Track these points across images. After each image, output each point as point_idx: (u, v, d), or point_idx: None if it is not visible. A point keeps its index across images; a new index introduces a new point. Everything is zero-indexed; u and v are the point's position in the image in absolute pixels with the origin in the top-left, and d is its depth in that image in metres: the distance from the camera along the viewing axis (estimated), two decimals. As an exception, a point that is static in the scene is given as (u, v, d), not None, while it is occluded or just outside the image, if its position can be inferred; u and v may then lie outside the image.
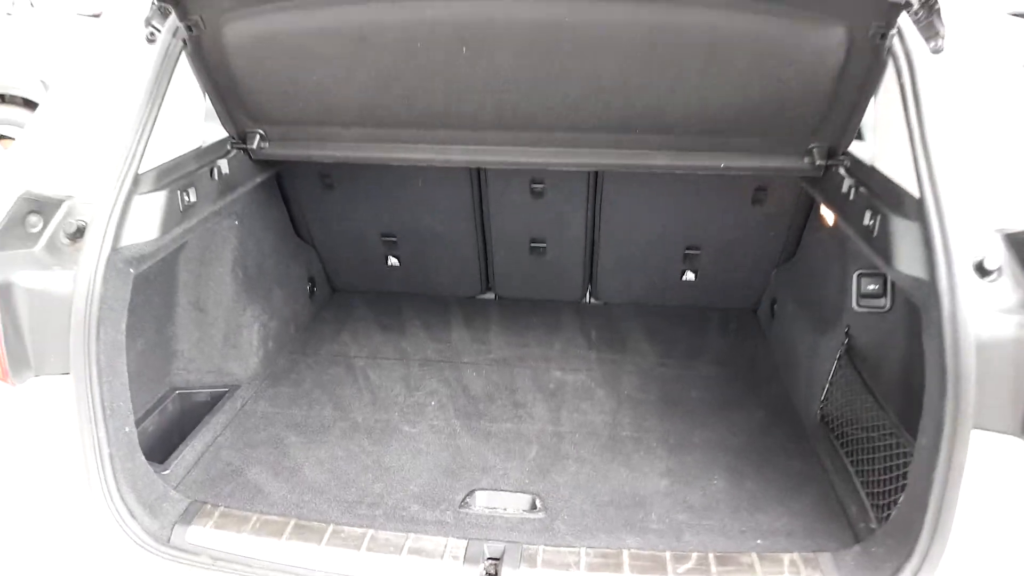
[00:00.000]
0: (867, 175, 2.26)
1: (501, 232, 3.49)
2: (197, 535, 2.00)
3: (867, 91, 2.20)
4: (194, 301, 2.82)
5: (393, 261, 3.69)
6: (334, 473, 2.41)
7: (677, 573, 1.88)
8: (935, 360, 1.72)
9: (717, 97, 2.33)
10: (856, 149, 2.44)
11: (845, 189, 2.33)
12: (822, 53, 2.13)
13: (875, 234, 2.05)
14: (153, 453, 2.28)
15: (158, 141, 2.18)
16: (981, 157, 1.91)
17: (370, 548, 1.94)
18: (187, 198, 2.31)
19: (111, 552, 1.96)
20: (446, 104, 2.46)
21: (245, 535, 1.99)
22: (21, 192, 2.01)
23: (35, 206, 2.00)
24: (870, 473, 2.24)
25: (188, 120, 2.46)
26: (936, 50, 2.01)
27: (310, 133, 2.70)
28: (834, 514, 2.22)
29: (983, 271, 1.74)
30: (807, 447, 2.57)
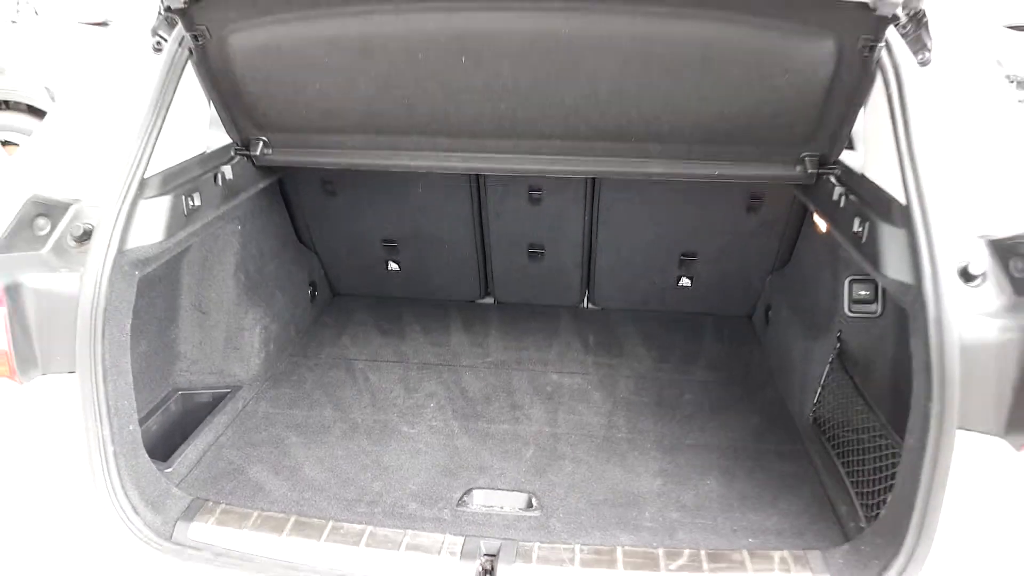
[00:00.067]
0: (857, 183, 2.29)
1: (500, 238, 3.52)
2: (199, 531, 2.02)
3: (856, 102, 2.23)
4: (197, 303, 2.85)
5: (393, 266, 3.72)
6: (334, 472, 2.44)
7: (669, 570, 1.90)
8: (921, 362, 1.75)
9: (711, 107, 2.35)
10: (847, 158, 2.47)
11: (836, 197, 2.36)
12: (813, 65, 2.16)
13: (864, 240, 2.08)
14: (156, 452, 2.31)
15: (164, 147, 2.20)
16: (966, 166, 1.94)
17: (369, 544, 1.96)
18: (191, 203, 2.34)
19: (115, 547, 1.98)
20: (446, 112, 2.49)
21: (246, 531, 2.01)
22: (30, 196, 2.03)
23: (43, 209, 2.03)
24: (860, 474, 2.27)
25: (193, 127, 2.49)
26: (923, 62, 2.04)
27: (312, 140, 2.73)
28: (825, 514, 2.24)
29: (968, 276, 1.77)
30: (799, 449, 2.60)
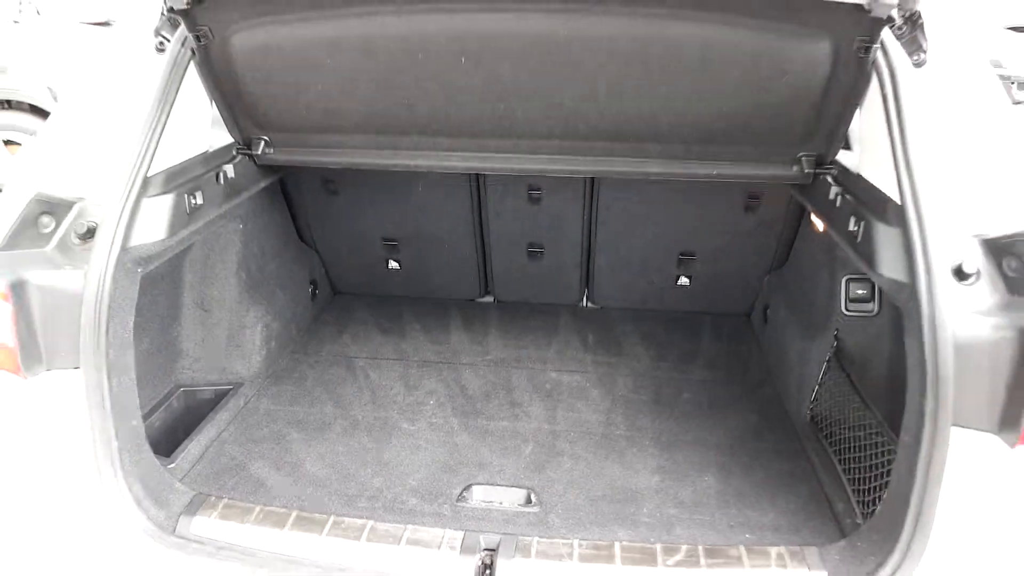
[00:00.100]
0: (853, 183, 2.31)
1: (499, 237, 3.53)
2: (202, 525, 2.04)
3: (852, 102, 2.25)
4: (199, 301, 2.87)
5: (394, 265, 3.74)
6: (335, 468, 2.46)
7: (667, 565, 1.91)
8: (916, 360, 1.77)
9: (708, 107, 2.37)
10: (844, 158, 2.49)
11: (832, 196, 2.37)
12: (809, 66, 2.17)
13: (859, 239, 2.10)
14: (159, 447, 2.32)
15: (166, 146, 2.21)
16: (961, 166, 1.96)
17: (370, 539, 1.98)
18: (194, 201, 2.35)
19: (119, 541, 1.99)
20: (445, 112, 2.50)
21: (248, 526, 2.03)
22: (34, 194, 2.04)
23: (47, 207, 2.04)
24: (857, 471, 2.29)
25: (195, 126, 2.51)
26: (919, 63, 2.05)
27: (313, 140, 2.74)
28: (821, 510, 2.26)
29: (961, 275, 1.78)
30: (797, 447, 2.61)
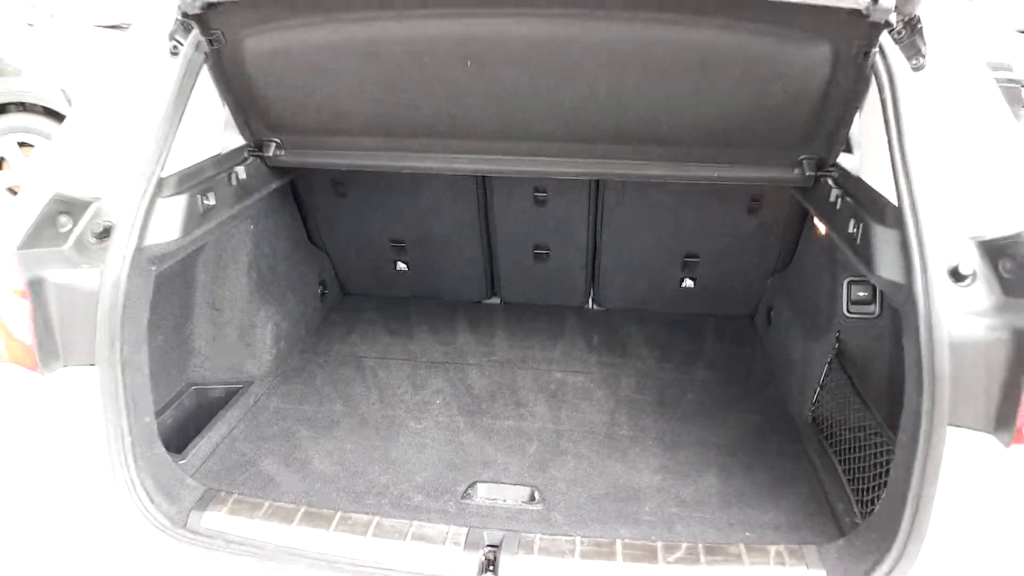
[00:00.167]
0: (853, 185, 2.32)
1: (506, 239, 3.56)
2: (212, 520, 2.07)
3: (853, 105, 2.26)
4: (211, 301, 2.91)
5: (402, 266, 3.77)
6: (343, 465, 2.49)
7: (667, 562, 1.93)
8: (912, 360, 1.78)
9: (709, 110, 2.38)
10: (844, 161, 2.51)
11: (833, 199, 2.38)
12: (809, 70, 2.19)
13: (858, 241, 2.11)
14: (171, 444, 2.36)
15: (180, 148, 2.25)
16: (958, 169, 1.97)
17: (376, 534, 2.00)
18: (206, 202, 2.38)
19: (131, 534, 2.03)
20: (451, 115, 2.53)
21: (257, 520, 2.06)
22: (52, 194, 2.08)
23: (65, 207, 2.08)
24: (856, 471, 2.31)
25: (208, 128, 2.55)
26: (917, 68, 2.05)
27: (323, 142, 2.78)
28: (821, 510, 2.28)
29: (957, 276, 1.79)
30: (798, 448, 2.63)
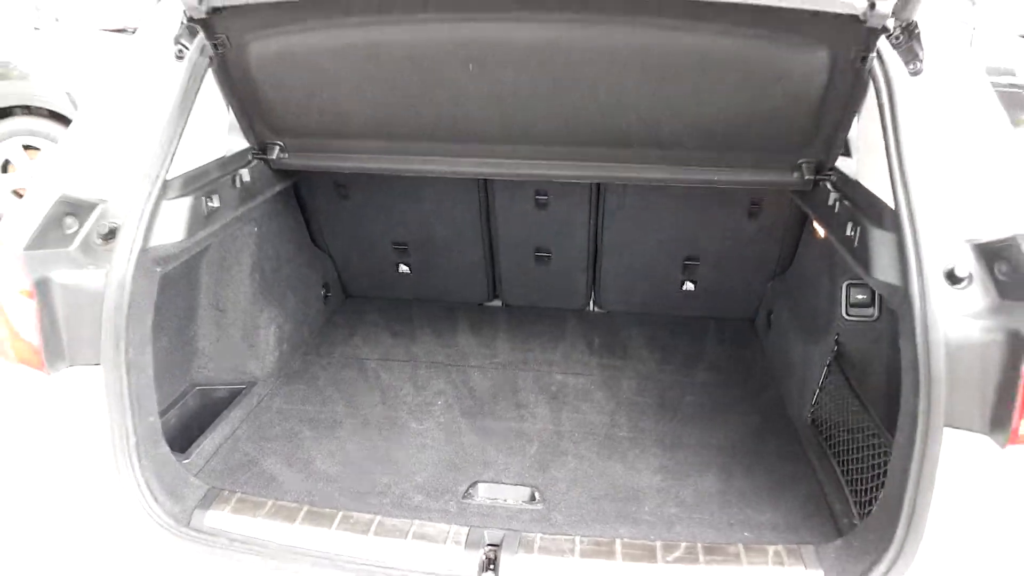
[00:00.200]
0: (851, 189, 2.34)
1: (507, 241, 3.58)
2: (215, 518, 2.09)
3: (851, 110, 2.28)
4: (214, 302, 2.93)
5: (404, 268, 3.79)
6: (345, 465, 2.51)
7: (666, 561, 1.95)
8: (909, 361, 1.80)
9: (709, 114, 2.40)
10: (843, 164, 2.52)
11: (831, 202, 2.40)
12: (807, 74, 2.20)
13: (856, 244, 2.13)
14: (175, 443, 2.37)
15: (185, 150, 2.27)
16: (955, 173, 1.98)
17: (377, 533, 2.02)
18: (211, 204, 2.40)
19: (135, 533, 2.05)
20: (453, 118, 2.55)
21: (260, 519, 2.08)
22: (59, 196, 2.09)
23: (71, 209, 2.09)
24: (855, 472, 2.32)
25: (213, 131, 2.57)
26: (915, 72, 2.06)
27: (326, 145, 2.80)
28: (820, 511, 2.29)
29: (953, 279, 1.81)
30: (798, 449, 2.64)
